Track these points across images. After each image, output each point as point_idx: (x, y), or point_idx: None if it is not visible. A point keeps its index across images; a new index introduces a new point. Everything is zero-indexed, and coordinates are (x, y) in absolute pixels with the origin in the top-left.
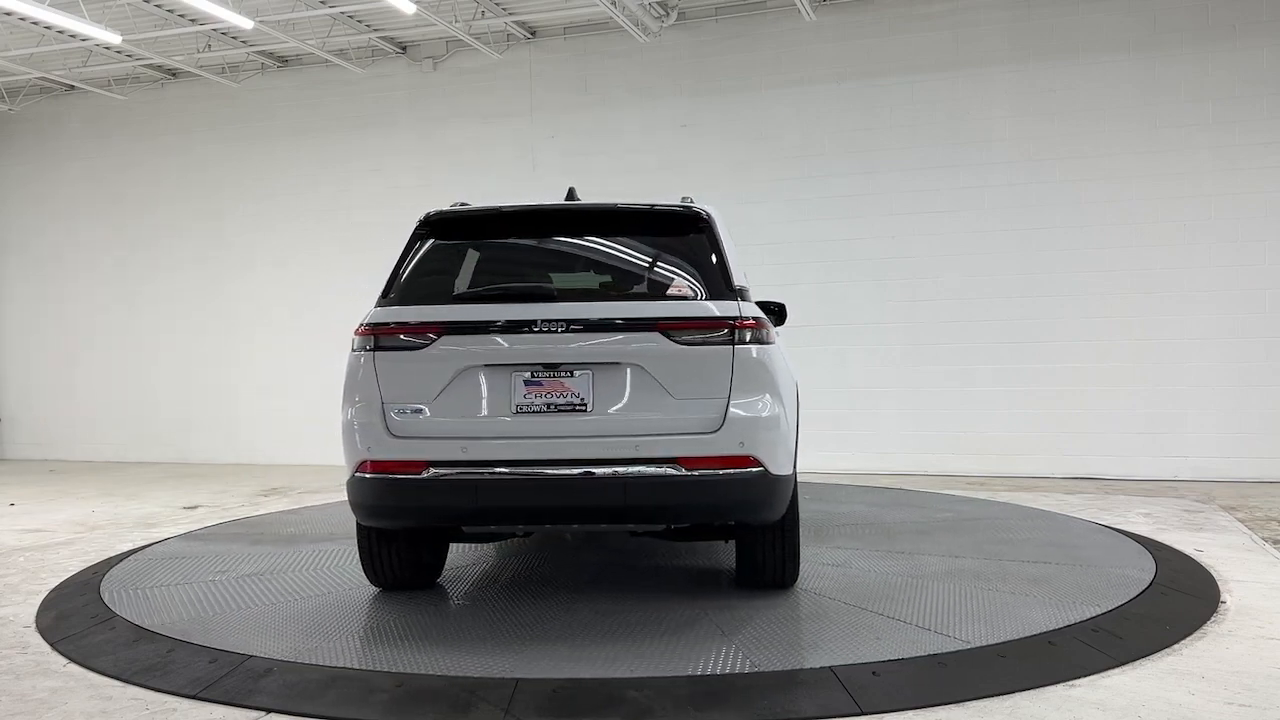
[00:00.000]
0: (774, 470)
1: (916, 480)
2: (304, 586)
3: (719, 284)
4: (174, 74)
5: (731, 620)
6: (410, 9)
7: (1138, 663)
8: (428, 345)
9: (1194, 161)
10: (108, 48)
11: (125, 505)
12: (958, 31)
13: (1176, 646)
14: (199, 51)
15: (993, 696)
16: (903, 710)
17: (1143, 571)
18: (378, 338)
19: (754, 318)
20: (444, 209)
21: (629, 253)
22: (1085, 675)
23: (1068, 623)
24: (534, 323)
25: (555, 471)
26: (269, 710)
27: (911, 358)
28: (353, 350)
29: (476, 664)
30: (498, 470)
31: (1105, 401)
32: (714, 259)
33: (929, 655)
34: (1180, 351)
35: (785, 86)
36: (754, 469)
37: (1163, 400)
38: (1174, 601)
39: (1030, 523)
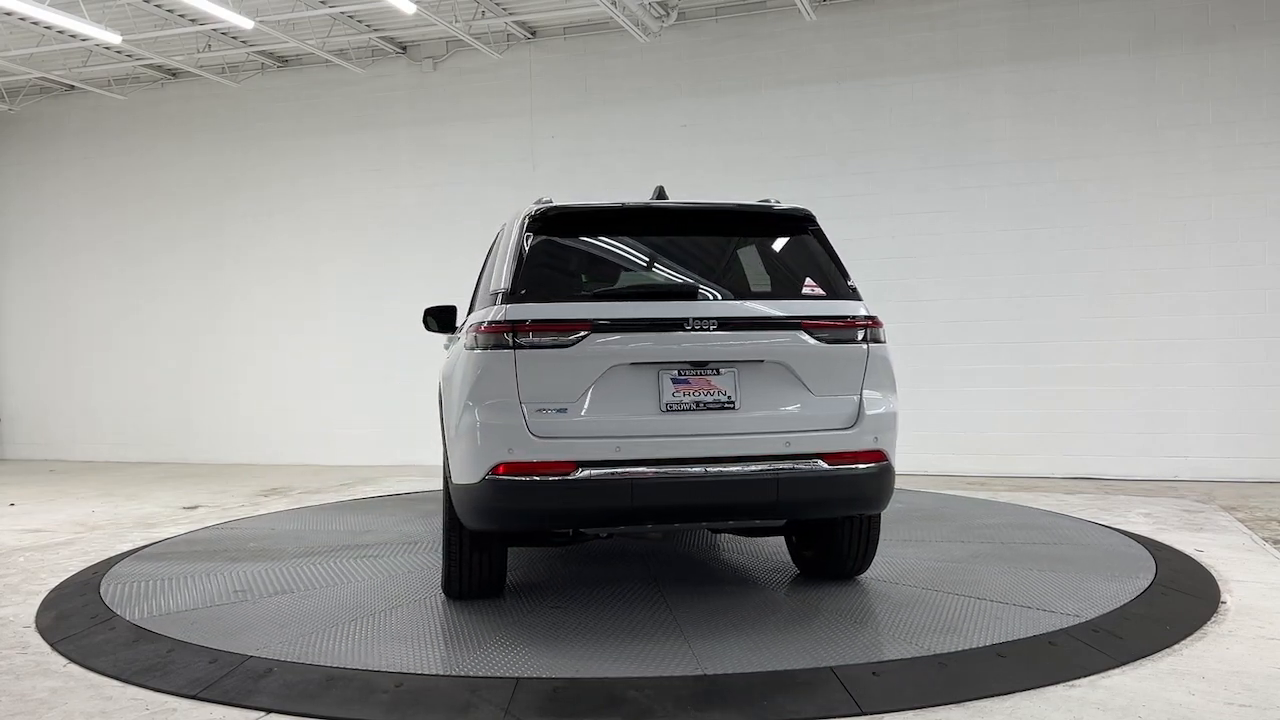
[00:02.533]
0: (894, 463)
1: (917, 480)
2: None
3: (842, 283)
4: (174, 74)
5: (853, 611)
6: (410, 9)
7: (1138, 663)
8: (575, 343)
9: (1194, 161)
10: (108, 48)
11: (125, 505)
12: (958, 31)
13: (1176, 646)
14: (199, 51)
15: (993, 696)
16: (903, 710)
17: (1143, 571)
18: (517, 335)
19: (875, 316)
20: (555, 204)
21: (754, 252)
22: (1085, 675)
23: (1137, 592)
24: (686, 321)
25: (710, 469)
26: (269, 710)
27: (911, 358)
28: (477, 348)
29: (476, 663)
30: (652, 469)
31: (1105, 401)
32: (831, 259)
33: (929, 655)
34: (1180, 351)
35: (785, 86)
36: (883, 463)
37: (1163, 400)
38: (1174, 601)
39: (996, 515)
